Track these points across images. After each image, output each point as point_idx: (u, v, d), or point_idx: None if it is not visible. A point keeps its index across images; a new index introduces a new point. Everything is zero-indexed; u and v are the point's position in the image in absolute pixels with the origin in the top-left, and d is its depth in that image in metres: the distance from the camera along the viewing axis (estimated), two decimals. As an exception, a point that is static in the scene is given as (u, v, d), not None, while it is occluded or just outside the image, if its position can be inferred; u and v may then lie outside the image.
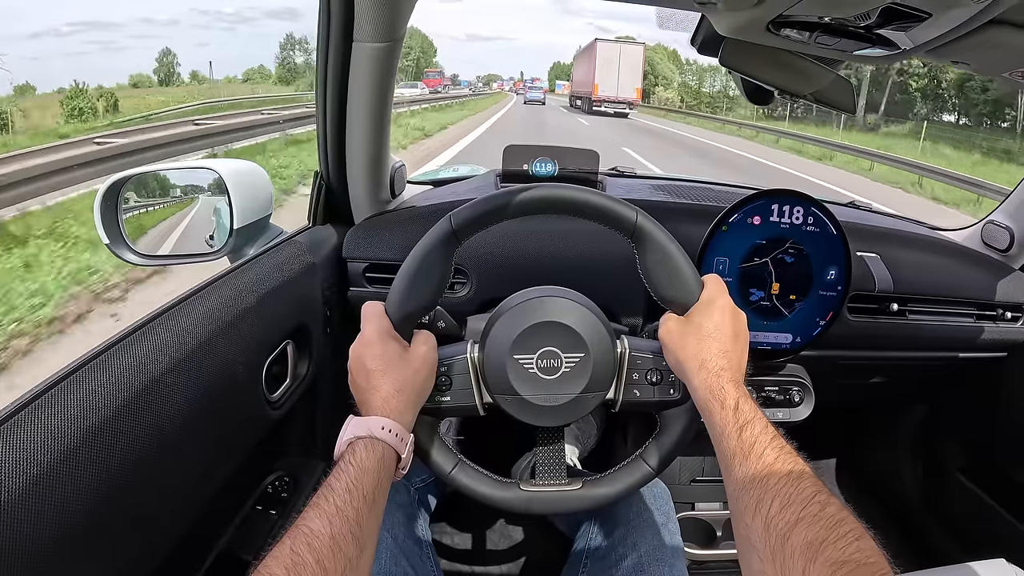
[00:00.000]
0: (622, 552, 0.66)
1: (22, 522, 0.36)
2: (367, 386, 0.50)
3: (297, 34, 40.80)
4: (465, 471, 0.56)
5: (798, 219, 0.80)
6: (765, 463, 0.42)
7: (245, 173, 0.81)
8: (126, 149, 5.04)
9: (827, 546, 0.35)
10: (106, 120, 13.12)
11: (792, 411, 0.89)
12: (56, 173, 4.17)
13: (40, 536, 0.37)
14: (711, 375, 0.48)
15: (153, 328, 0.51)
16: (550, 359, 0.54)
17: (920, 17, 0.55)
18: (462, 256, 0.81)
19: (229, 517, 0.70)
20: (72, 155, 4.53)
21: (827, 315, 0.84)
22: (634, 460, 0.57)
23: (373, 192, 0.85)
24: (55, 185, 4.16)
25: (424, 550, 0.70)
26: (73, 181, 4.27)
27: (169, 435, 0.48)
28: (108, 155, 4.72)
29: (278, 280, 0.69)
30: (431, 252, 0.52)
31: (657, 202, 0.95)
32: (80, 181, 4.30)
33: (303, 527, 0.39)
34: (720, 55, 0.74)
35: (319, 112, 0.76)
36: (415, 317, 0.53)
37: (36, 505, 0.37)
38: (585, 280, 0.68)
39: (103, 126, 10.21)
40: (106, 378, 0.45)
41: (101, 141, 5.39)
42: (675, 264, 0.52)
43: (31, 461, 0.37)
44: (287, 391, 0.70)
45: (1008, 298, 0.95)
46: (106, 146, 5.02)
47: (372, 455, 0.45)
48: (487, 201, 0.53)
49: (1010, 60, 0.70)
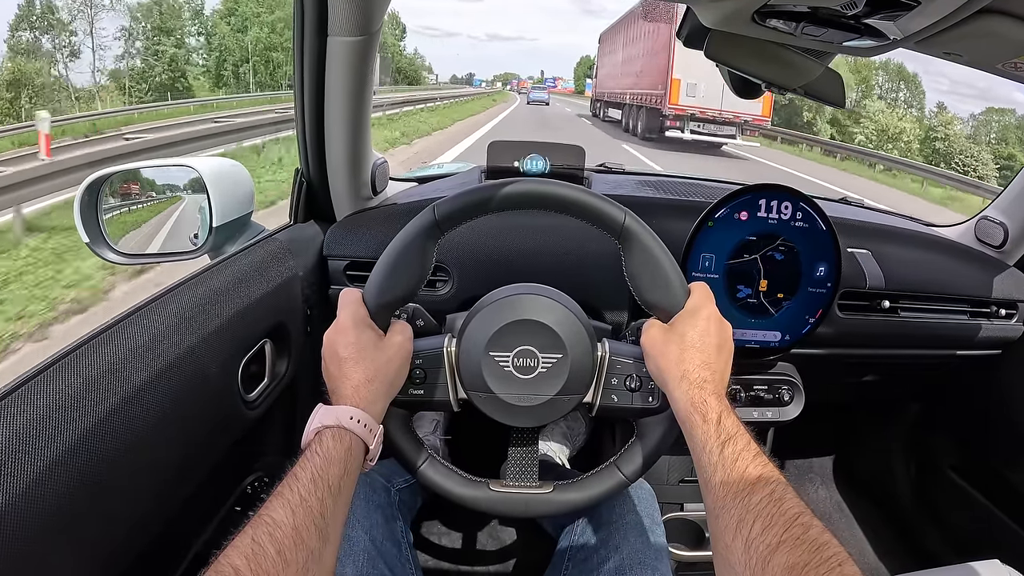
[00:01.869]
0: (604, 554, 0.65)
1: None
2: (338, 374, 0.49)
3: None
4: (434, 467, 0.55)
5: (786, 215, 0.79)
6: (747, 481, 0.40)
7: (225, 170, 0.80)
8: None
9: (809, 570, 0.34)
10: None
11: (782, 410, 0.88)
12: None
13: (11, 537, 0.36)
14: (693, 387, 0.47)
15: (124, 328, 0.51)
16: (527, 358, 0.53)
17: (909, 5, 0.54)
18: (444, 253, 0.80)
19: (208, 518, 0.69)
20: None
21: (817, 312, 0.82)
22: (607, 467, 0.56)
23: (354, 189, 0.83)
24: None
25: (403, 552, 0.69)
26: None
27: (142, 435, 0.48)
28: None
29: (255, 278, 0.68)
30: (413, 242, 0.51)
31: (644, 198, 0.94)
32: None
33: (265, 517, 0.38)
34: (706, 47, 0.73)
35: (297, 108, 0.75)
36: (392, 307, 0.52)
37: (5, 507, 0.36)
38: (570, 277, 0.67)
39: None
40: (75, 378, 0.44)
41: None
42: (661, 269, 0.51)
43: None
44: (264, 391, 0.69)
45: (1002, 295, 0.94)
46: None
47: (339, 445, 0.44)
48: (472, 193, 0.52)
49: (1002, 51, 0.68)
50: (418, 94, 20.88)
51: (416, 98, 17.45)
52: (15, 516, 0.37)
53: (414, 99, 16.88)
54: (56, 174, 4.05)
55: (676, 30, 0.77)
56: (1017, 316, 0.96)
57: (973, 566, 0.70)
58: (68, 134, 8.94)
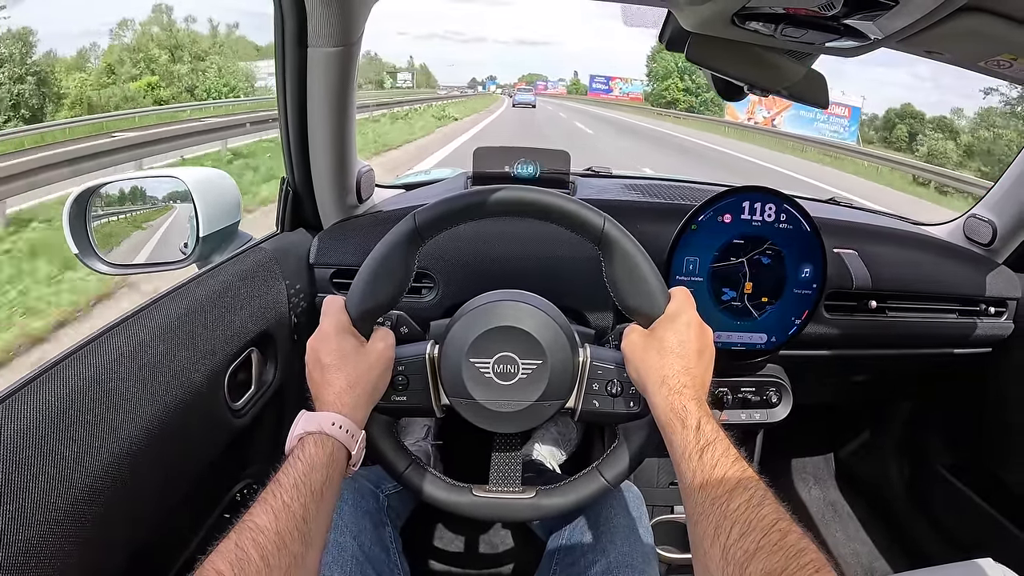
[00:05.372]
0: (592, 558, 0.65)
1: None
2: (321, 380, 0.50)
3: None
4: (418, 472, 0.56)
5: (770, 216, 0.79)
6: (726, 487, 0.40)
7: (211, 180, 0.80)
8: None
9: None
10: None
11: (769, 412, 0.88)
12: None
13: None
14: (672, 392, 0.47)
15: (110, 338, 0.51)
16: (507, 364, 0.53)
17: (887, 5, 0.54)
18: (429, 260, 0.80)
19: (197, 526, 0.70)
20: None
21: (803, 314, 0.82)
22: (590, 472, 0.56)
23: (340, 197, 0.84)
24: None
25: (392, 557, 0.69)
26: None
27: (129, 445, 0.48)
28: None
29: (241, 287, 0.68)
30: (394, 250, 0.52)
31: (627, 202, 0.94)
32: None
33: (249, 522, 0.39)
34: (686, 51, 0.73)
35: (281, 118, 0.76)
36: (374, 314, 0.53)
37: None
38: (554, 283, 0.68)
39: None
40: (62, 389, 0.45)
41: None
42: (641, 274, 0.51)
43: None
44: (251, 399, 0.69)
45: (991, 293, 0.94)
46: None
47: (321, 451, 0.45)
48: (452, 200, 0.52)
49: (984, 49, 0.69)
50: (369, 100, 17.93)
51: (368, 103, 15.29)
52: (1, 523, 0.37)
53: (366, 105, 14.87)
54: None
55: (658, 34, 0.77)
56: (1007, 314, 0.96)
57: (966, 565, 0.70)
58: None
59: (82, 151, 4.73)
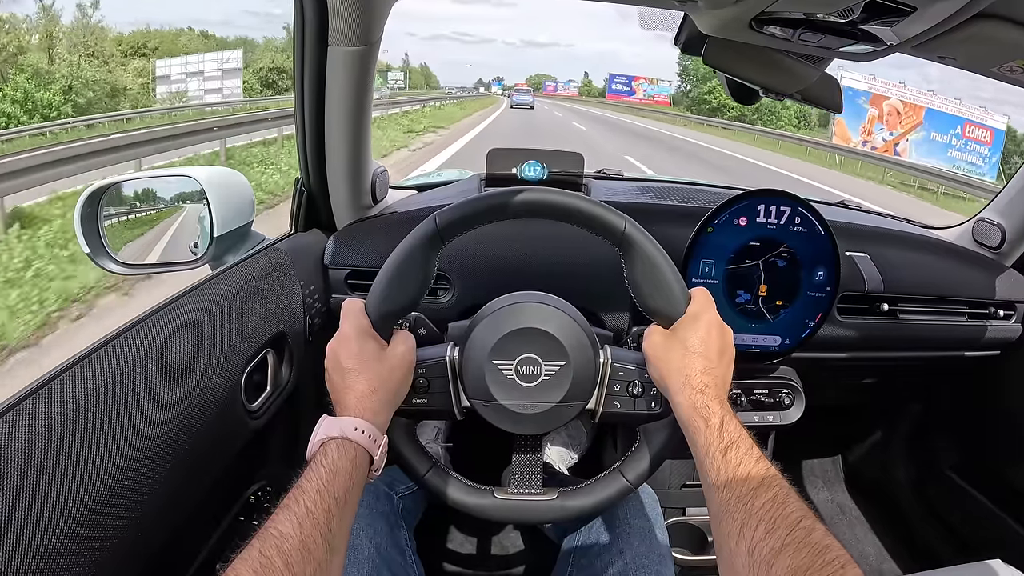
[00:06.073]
0: (608, 559, 0.65)
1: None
2: (342, 385, 0.49)
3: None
4: (439, 475, 0.55)
5: (785, 219, 0.79)
6: (750, 485, 0.41)
7: (225, 180, 0.80)
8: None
9: (812, 574, 0.34)
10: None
11: (782, 414, 0.88)
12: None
13: (15, 551, 0.36)
14: (695, 392, 0.47)
15: (126, 340, 0.51)
16: (530, 366, 0.53)
17: (905, 11, 0.54)
18: (445, 262, 0.80)
19: (212, 527, 0.69)
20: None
21: (816, 316, 0.83)
22: (611, 473, 0.56)
23: (354, 198, 0.84)
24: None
25: (408, 559, 0.69)
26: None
27: (145, 446, 0.48)
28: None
29: (256, 288, 0.68)
30: (414, 252, 0.52)
31: (642, 204, 0.94)
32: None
33: (272, 530, 0.38)
34: (703, 54, 0.73)
35: (297, 117, 0.76)
36: (395, 317, 0.53)
37: (11, 521, 0.36)
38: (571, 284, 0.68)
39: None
40: (79, 390, 0.44)
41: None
42: (662, 276, 0.51)
43: (4, 475, 0.37)
44: (267, 400, 0.69)
45: (1000, 296, 0.94)
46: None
47: (344, 456, 0.44)
48: (474, 202, 0.52)
49: (998, 55, 0.69)
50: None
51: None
52: (20, 527, 0.37)
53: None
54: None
55: (673, 37, 0.77)
56: (1015, 317, 0.96)
57: (976, 566, 0.70)
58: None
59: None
